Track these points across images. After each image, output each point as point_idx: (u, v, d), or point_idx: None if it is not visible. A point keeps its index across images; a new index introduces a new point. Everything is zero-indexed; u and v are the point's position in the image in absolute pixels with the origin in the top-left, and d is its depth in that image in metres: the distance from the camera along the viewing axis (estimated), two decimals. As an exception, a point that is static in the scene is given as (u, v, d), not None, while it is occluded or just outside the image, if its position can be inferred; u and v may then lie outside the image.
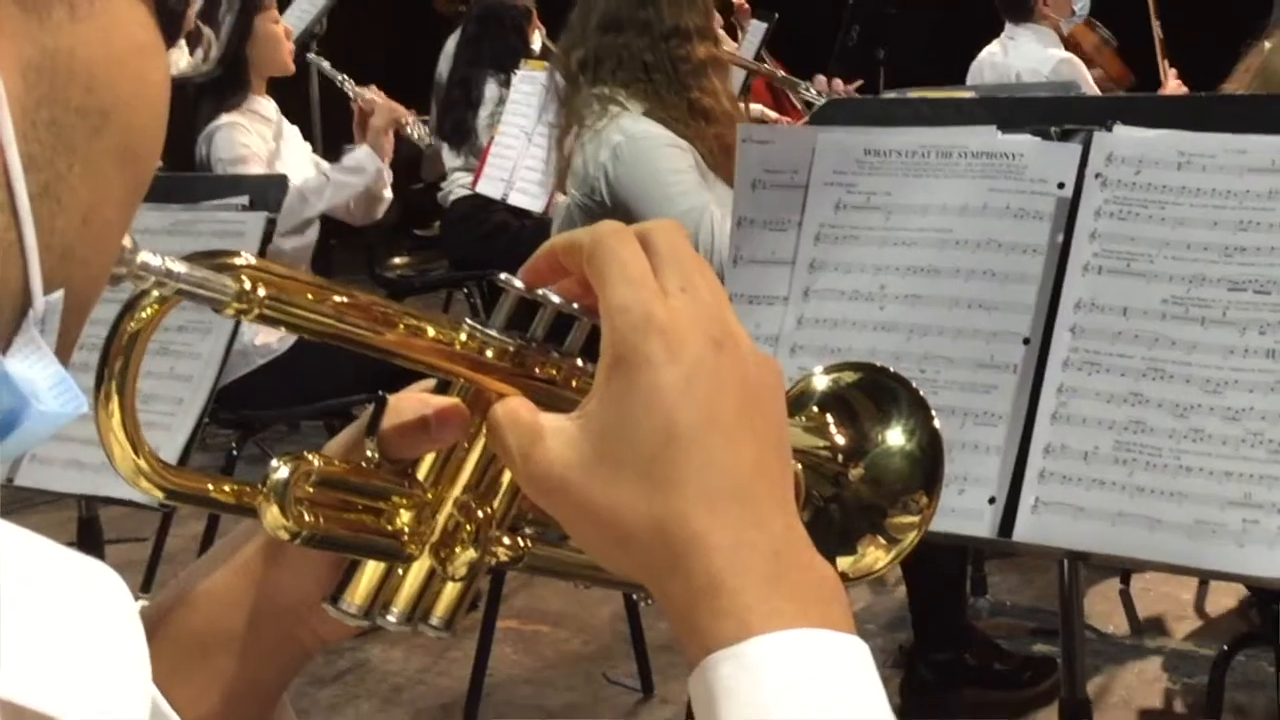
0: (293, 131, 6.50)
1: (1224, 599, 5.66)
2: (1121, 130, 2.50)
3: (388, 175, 6.41)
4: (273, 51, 6.26)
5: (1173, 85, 7.28)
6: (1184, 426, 2.31)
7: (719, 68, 5.07)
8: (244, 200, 3.35)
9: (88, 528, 3.39)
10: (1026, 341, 2.47)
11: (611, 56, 4.85)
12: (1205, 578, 5.27)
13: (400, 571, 1.17)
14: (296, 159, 6.33)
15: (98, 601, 0.84)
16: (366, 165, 6.22)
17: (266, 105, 6.31)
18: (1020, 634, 5.60)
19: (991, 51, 7.79)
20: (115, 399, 1.05)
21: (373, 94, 6.51)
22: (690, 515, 1.01)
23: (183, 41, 6.87)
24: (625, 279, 1.05)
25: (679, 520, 1.01)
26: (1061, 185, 2.52)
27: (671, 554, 1.01)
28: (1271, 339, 2.30)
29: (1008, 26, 7.84)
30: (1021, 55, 7.58)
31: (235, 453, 6.03)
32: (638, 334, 1.03)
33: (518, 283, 1.14)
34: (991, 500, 2.42)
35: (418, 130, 6.95)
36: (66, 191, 0.86)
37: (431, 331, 1.13)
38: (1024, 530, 2.40)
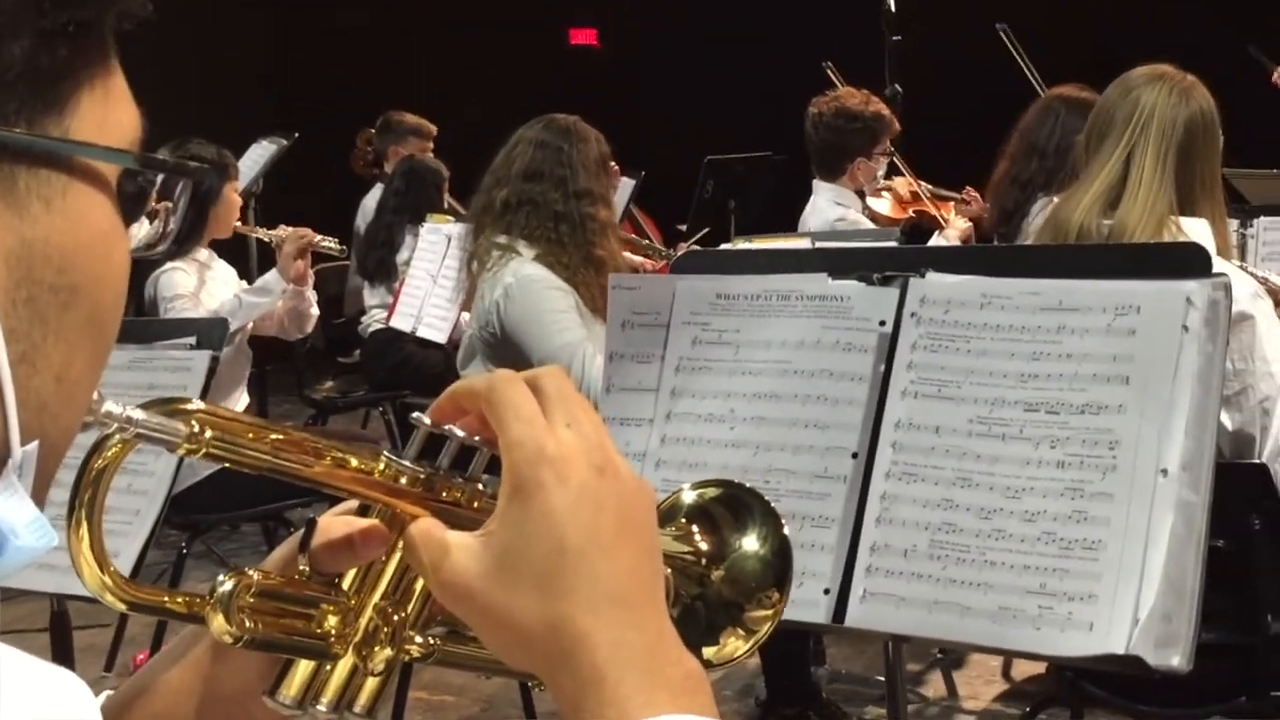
0: (224, 267, 6.57)
1: (1028, 666, 5.68)
2: (933, 276, 2.53)
3: (311, 295, 6.50)
4: (227, 216, 6.37)
5: (959, 225, 7.04)
6: (988, 527, 2.33)
7: (615, 231, 5.18)
8: (191, 340, 3.36)
9: (59, 619, 3.36)
10: (855, 456, 2.49)
11: (529, 202, 4.91)
12: (1008, 656, 5.30)
13: (328, 668, 1.17)
14: (221, 289, 6.39)
15: (65, 705, 0.85)
16: (273, 286, 6.32)
17: (202, 252, 6.38)
18: (855, 699, 5.61)
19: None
20: (84, 525, 1.06)
21: (281, 230, 6.58)
22: (577, 617, 1.02)
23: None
24: (519, 418, 1.07)
25: (568, 622, 1.02)
26: (883, 323, 2.54)
27: (562, 651, 1.02)
28: (1061, 452, 2.32)
29: (814, 183, 7.02)
30: (815, 212, 6.93)
31: (185, 550, 6.11)
32: (530, 465, 1.05)
33: (426, 420, 1.15)
34: (826, 591, 2.43)
35: (329, 242, 6.92)
36: (41, 357, 0.86)
37: (354, 462, 1.14)
38: (854, 617, 2.40)
